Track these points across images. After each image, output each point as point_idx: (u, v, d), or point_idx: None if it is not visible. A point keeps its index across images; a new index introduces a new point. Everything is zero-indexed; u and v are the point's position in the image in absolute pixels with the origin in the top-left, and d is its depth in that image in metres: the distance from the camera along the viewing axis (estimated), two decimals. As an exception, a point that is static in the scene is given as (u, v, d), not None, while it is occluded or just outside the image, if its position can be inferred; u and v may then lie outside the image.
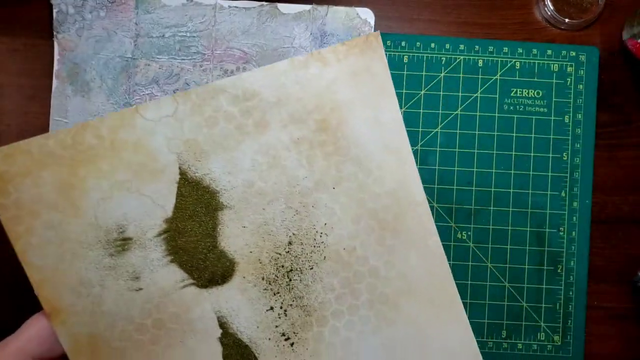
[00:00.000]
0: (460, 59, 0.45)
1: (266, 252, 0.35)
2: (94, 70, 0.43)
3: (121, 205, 0.34)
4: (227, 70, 0.43)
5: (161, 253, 0.34)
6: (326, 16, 0.43)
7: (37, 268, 0.33)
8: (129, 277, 0.34)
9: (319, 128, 0.35)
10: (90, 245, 0.34)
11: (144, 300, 0.34)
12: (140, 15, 0.43)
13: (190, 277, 0.34)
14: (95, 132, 0.33)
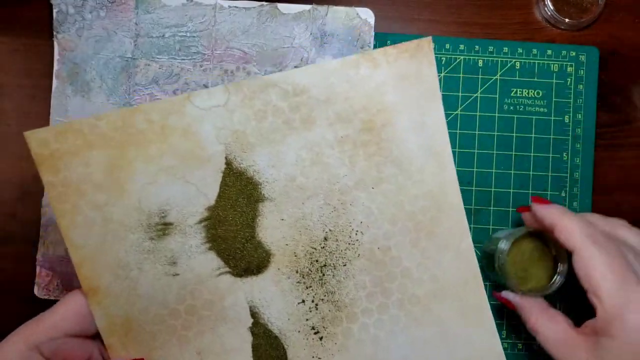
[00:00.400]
0: (460, 59, 0.45)
1: (302, 246, 0.35)
2: (94, 70, 0.43)
3: (165, 191, 0.34)
4: (227, 70, 0.43)
5: (200, 240, 0.34)
6: (326, 16, 0.43)
7: (79, 247, 0.33)
8: (166, 262, 0.34)
9: (364, 128, 0.35)
10: (132, 228, 0.34)
11: (180, 286, 0.34)
12: (140, 15, 0.43)
13: (226, 266, 0.34)
14: (145, 116, 0.33)
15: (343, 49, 0.43)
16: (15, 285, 0.44)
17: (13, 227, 0.44)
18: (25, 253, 0.43)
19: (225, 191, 0.34)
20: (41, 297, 0.43)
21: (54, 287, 0.43)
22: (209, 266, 0.34)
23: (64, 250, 0.43)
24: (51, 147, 0.33)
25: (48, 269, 0.43)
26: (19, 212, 0.44)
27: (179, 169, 0.34)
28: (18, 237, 0.44)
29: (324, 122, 0.35)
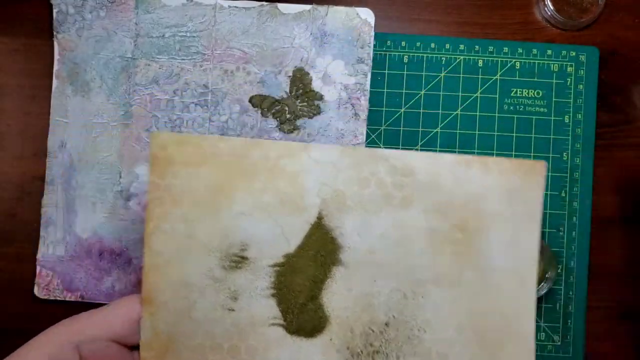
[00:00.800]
0: (460, 59, 0.45)
1: (361, 324, 0.34)
2: (94, 70, 0.43)
3: (254, 226, 0.34)
4: (227, 70, 0.43)
5: (267, 284, 0.34)
6: (326, 16, 0.43)
7: (155, 253, 0.33)
8: (228, 295, 0.34)
9: (457, 226, 0.34)
10: (210, 251, 0.33)
11: (231, 323, 0.34)
12: (140, 15, 0.43)
13: (282, 318, 0.34)
14: (263, 152, 0.34)
15: (343, 49, 0.43)
16: (15, 285, 0.44)
17: (13, 227, 0.44)
18: (26, 253, 0.43)
19: (307, 243, 0.34)
20: (41, 297, 0.43)
21: (54, 287, 0.43)
22: (266, 312, 0.34)
23: (64, 250, 0.43)
24: (168, 151, 0.33)
25: (48, 269, 0.43)
26: (19, 212, 0.44)
27: (274, 210, 0.34)
28: (18, 237, 0.44)
29: (420, 208, 0.34)
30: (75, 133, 0.43)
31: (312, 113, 0.43)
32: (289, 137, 0.43)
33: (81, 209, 0.43)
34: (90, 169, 0.43)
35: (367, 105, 0.43)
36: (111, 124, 0.43)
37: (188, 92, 0.43)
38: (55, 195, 0.43)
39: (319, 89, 0.43)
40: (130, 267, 0.43)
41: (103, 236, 0.43)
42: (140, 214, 0.43)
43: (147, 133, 0.43)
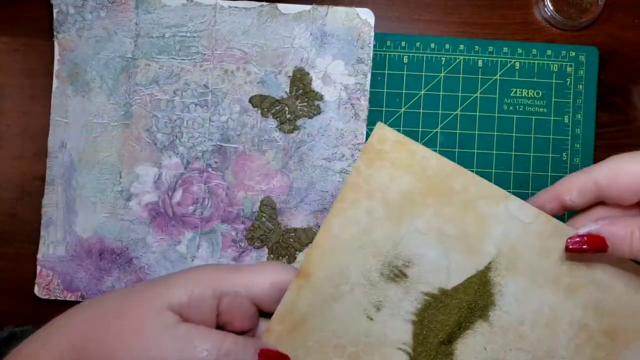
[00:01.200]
0: (460, 59, 0.45)
1: None
2: (94, 70, 0.43)
3: (426, 248, 0.33)
4: (227, 70, 0.43)
5: (412, 309, 0.33)
6: (326, 16, 0.43)
7: (330, 234, 0.33)
8: (374, 303, 0.33)
9: (607, 332, 0.34)
10: (377, 254, 0.33)
11: (364, 332, 0.33)
12: (141, 16, 0.43)
13: (411, 348, 0.33)
14: (465, 184, 0.34)
15: (343, 49, 0.43)
16: (15, 285, 0.44)
17: (13, 227, 0.44)
18: (26, 253, 0.43)
19: (465, 287, 0.34)
20: (42, 297, 0.43)
21: (54, 286, 0.43)
22: (399, 335, 0.33)
23: (64, 250, 0.43)
24: (384, 146, 0.33)
25: (48, 268, 0.43)
26: (19, 212, 0.44)
27: (449, 242, 0.34)
28: (18, 237, 0.44)
29: (581, 300, 0.34)
30: (76, 133, 0.43)
31: (312, 113, 0.43)
32: (289, 137, 0.43)
33: (81, 209, 0.43)
34: (91, 169, 0.43)
35: (367, 105, 0.43)
36: (111, 124, 0.43)
37: (188, 92, 0.43)
38: (55, 195, 0.43)
39: (319, 89, 0.43)
40: (131, 267, 0.43)
41: (103, 236, 0.43)
42: (140, 214, 0.43)
43: (147, 133, 0.43)
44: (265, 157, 0.43)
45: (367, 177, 0.33)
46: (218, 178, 0.43)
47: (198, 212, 0.43)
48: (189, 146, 0.43)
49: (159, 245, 0.43)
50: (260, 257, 0.43)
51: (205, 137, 0.43)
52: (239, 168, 0.43)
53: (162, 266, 0.43)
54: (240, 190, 0.43)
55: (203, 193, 0.43)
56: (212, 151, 0.43)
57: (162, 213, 0.43)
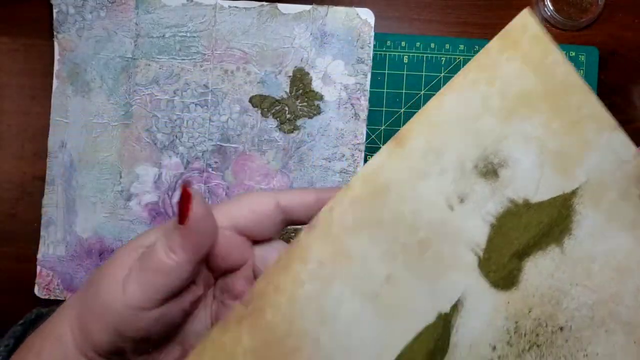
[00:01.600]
0: (460, 59, 0.45)
1: (540, 311, 0.32)
2: (95, 70, 0.43)
3: (524, 154, 0.31)
4: (227, 70, 0.43)
5: (494, 212, 0.31)
6: (326, 16, 0.43)
7: (439, 107, 0.30)
8: (459, 194, 0.31)
9: None
10: (478, 144, 0.31)
11: (440, 220, 0.30)
12: (141, 16, 0.43)
13: (482, 251, 0.31)
14: (580, 101, 0.31)
15: (343, 49, 0.43)
16: (15, 285, 0.44)
17: (13, 227, 0.44)
18: (26, 253, 0.43)
19: (549, 205, 0.32)
20: (42, 297, 0.43)
21: (54, 286, 0.43)
22: (474, 235, 0.31)
23: (64, 250, 0.43)
24: (521, 36, 0.31)
25: (48, 268, 0.43)
26: (19, 212, 0.44)
27: (548, 156, 0.31)
28: (18, 237, 0.44)
29: None
30: (76, 133, 0.43)
31: (312, 113, 0.43)
32: (289, 137, 0.43)
33: (81, 209, 0.43)
34: (91, 169, 0.43)
35: (367, 105, 0.43)
36: (111, 124, 0.43)
37: (188, 92, 0.43)
38: (55, 195, 0.43)
39: (319, 89, 0.43)
40: (131, 267, 0.43)
41: (103, 236, 0.43)
42: (140, 214, 0.43)
43: (147, 133, 0.43)
44: (265, 157, 0.43)
45: (495, 63, 0.31)
46: (218, 178, 0.43)
47: (198, 212, 0.43)
48: (189, 146, 0.43)
49: (159, 245, 0.43)
50: (260, 257, 0.43)
51: (205, 137, 0.43)
52: (239, 168, 0.43)
53: (162, 266, 0.43)
54: (240, 190, 0.43)
55: (203, 193, 0.43)
56: (212, 151, 0.43)
57: (162, 213, 0.43)
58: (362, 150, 0.43)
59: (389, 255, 0.30)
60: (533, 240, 0.31)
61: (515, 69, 0.31)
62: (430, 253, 0.30)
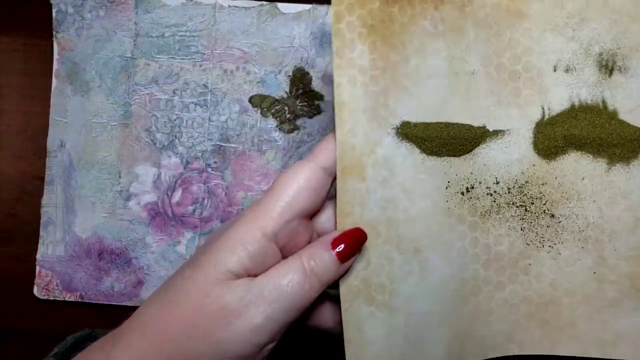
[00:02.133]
0: (461, 59, 0.44)
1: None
2: (94, 69, 0.43)
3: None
4: (226, 70, 0.43)
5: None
6: (326, 16, 0.43)
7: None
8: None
9: None
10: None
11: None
12: (140, 15, 0.43)
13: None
14: None
15: (343, 49, 0.43)
16: (14, 285, 0.43)
17: (13, 226, 0.44)
18: (25, 253, 0.43)
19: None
20: (41, 297, 0.43)
21: (53, 287, 0.43)
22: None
23: (64, 250, 0.43)
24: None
25: (48, 269, 0.43)
26: (18, 212, 0.44)
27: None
28: (18, 237, 0.44)
29: None
30: (75, 133, 0.43)
31: (312, 113, 0.43)
32: (289, 137, 0.43)
33: (81, 209, 0.43)
34: (90, 169, 0.43)
35: (367, 105, 0.43)
36: (111, 123, 0.43)
37: (188, 91, 0.43)
38: (54, 195, 0.43)
39: (319, 89, 0.43)
40: (130, 267, 0.43)
41: (102, 236, 0.43)
42: (140, 214, 0.43)
43: (147, 133, 0.43)
44: (265, 157, 0.43)
45: None
46: (217, 178, 0.43)
47: (197, 212, 0.43)
48: (189, 146, 0.43)
49: (159, 245, 0.43)
50: (259, 257, 0.43)
51: (204, 137, 0.43)
52: (238, 168, 0.43)
53: (161, 266, 0.43)
54: (240, 190, 0.43)
55: (202, 193, 0.43)
56: (212, 151, 0.43)
57: (161, 213, 0.43)
58: (362, 150, 0.43)
59: (486, 61, 0.30)
60: (593, 143, 0.31)
61: None
62: (512, 84, 0.31)
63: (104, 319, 0.43)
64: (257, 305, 0.26)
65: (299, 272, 0.27)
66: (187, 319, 0.26)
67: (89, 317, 0.43)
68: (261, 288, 0.27)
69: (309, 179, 0.29)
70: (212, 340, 0.26)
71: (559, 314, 0.31)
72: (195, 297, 0.27)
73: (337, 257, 0.28)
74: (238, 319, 0.26)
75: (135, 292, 0.43)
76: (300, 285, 0.27)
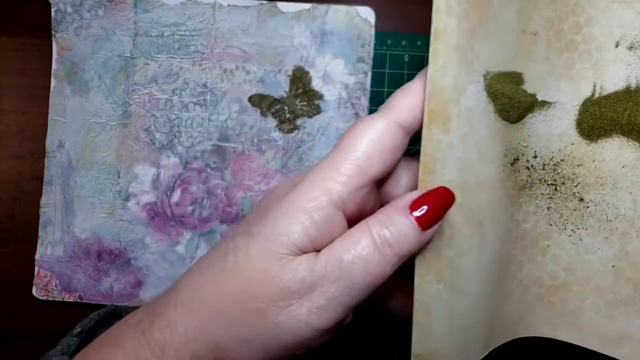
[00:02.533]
0: (461, 58, 0.44)
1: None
2: (93, 69, 0.43)
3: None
4: (226, 69, 0.43)
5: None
6: (326, 15, 0.43)
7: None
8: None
9: None
10: None
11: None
12: (139, 14, 0.43)
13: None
14: None
15: (343, 48, 0.43)
16: (13, 285, 0.43)
17: (11, 227, 0.44)
18: (24, 253, 0.43)
19: None
20: (39, 298, 0.43)
21: (52, 287, 0.42)
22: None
23: (62, 251, 0.43)
24: None
25: (46, 269, 0.42)
26: (17, 212, 0.44)
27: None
28: (16, 238, 0.43)
29: None
30: (74, 133, 0.43)
31: (312, 112, 0.43)
32: (289, 137, 0.43)
33: (80, 209, 0.43)
34: (89, 169, 0.43)
35: (367, 104, 0.43)
36: (110, 123, 0.43)
37: (187, 91, 0.43)
38: (53, 195, 0.43)
39: (319, 88, 0.43)
40: (129, 268, 0.42)
41: (102, 236, 0.43)
42: (139, 214, 0.43)
43: (146, 133, 0.43)
44: (265, 157, 0.43)
45: None
46: (217, 178, 0.43)
47: (197, 212, 0.43)
48: (188, 146, 0.43)
49: (158, 245, 0.42)
50: (259, 257, 0.43)
51: (204, 137, 0.43)
52: (238, 168, 0.43)
53: (160, 267, 0.42)
54: (240, 190, 0.43)
55: (202, 193, 0.43)
56: (211, 151, 0.43)
57: (160, 213, 0.43)
58: (362, 150, 0.43)
59: (548, 24, 0.28)
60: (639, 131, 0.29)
61: None
62: (568, 54, 0.28)
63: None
64: (320, 285, 0.23)
65: (368, 243, 0.24)
66: (240, 298, 0.23)
67: (88, 317, 0.43)
68: (324, 265, 0.23)
69: (384, 139, 0.25)
70: (267, 323, 0.23)
71: (567, 300, 0.29)
72: (251, 274, 0.23)
73: (417, 223, 0.24)
74: (299, 300, 0.23)
75: (134, 293, 0.43)
76: (370, 260, 0.23)
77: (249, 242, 0.24)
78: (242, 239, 0.24)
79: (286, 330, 0.23)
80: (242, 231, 0.25)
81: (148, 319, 0.24)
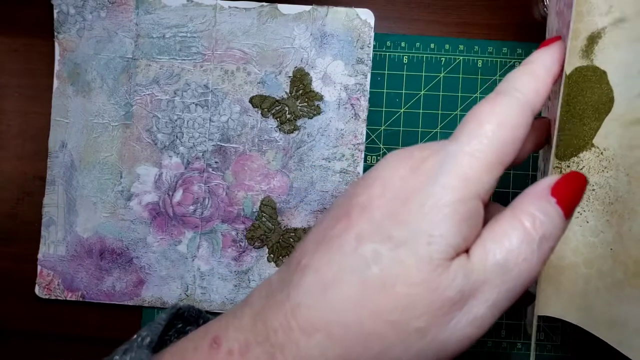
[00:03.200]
0: (459, 60, 0.45)
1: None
2: (95, 70, 0.43)
3: None
4: (227, 70, 0.43)
5: None
6: (326, 17, 0.43)
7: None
8: None
9: None
10: None
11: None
12: (141, 16, 0.43)
13: None
14: None
15: (343, 50, 0.43)
16: (16, 285, 0.44)
17: (14, 227, 0.44)
18: (26, 253, 0.43)
19: None
20: (42, 297, 0.43)
21: (54, 286, 0.43)
22: None
23: (65, 250, 0.43)
24: None
25: (49, 268, 0.43)
26: (20, 212, 0.44)
27: None
28: (19, 237, 0.44)
29: None
30: (76, 133, 0.43)
31: (312, 113, 0.43)
32: (289, 137, 0.43)
33: (82, 209, 0.43)
34: (91, 169, 0.43)
35: (367, 105, 0.43)
36: (112, 124, 0.43)
37: (188, 92, 0.43)
38: (56, 195, 0.43)
39: (319, 90, 0.43)
40: (131, 267, 0.43)
41: (104, 236, 0.43)
42: (141, 213, 0.43)
43: (148, 133, 0.43)
44: (266, 157, 0.43)
45: None
46: (218, 178, 0.43)
47: (198, 212, 0.43)
48: (189, 146, 0.43)
49: (160, 245, 0.43)
50: (260, 257, 0.43)
51: (205, 137, 0.43)
52: (239, 168, 0.43)
53: (162, 266, 0.43)
54: (241, 190, 0.43)
55: (203, 193, 0.43)
56: (213, 151, 0.43)
57: (162, 213, 0.43)
58: (362, 150, 0.43)
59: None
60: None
61: None
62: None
63: (106, 318, 0.44)
64: (481, 291, 0.20)
65: (522, 237, 0.21)
66: (396, 318, 0.19)
67: (90, 316, 0.43)
68: (483, 269, 0.20)
69: (519, 126, 0.22)
70: (429, 343, 0.20)
71: (574, 282, 0.29)
72: (408, 289, 0.20)
73: (563, 211, 0.21)
74: (460, 312, 0.20)
75: (136, 292, 0.43)
76: (531, 259, 0.21)
77: (397, 250, 0.20)
78: (382, 246, 0.20)
79: (448, 347, 0.20)
80: (372, 234, 0.20)
81: (260, 348, 0.20)
